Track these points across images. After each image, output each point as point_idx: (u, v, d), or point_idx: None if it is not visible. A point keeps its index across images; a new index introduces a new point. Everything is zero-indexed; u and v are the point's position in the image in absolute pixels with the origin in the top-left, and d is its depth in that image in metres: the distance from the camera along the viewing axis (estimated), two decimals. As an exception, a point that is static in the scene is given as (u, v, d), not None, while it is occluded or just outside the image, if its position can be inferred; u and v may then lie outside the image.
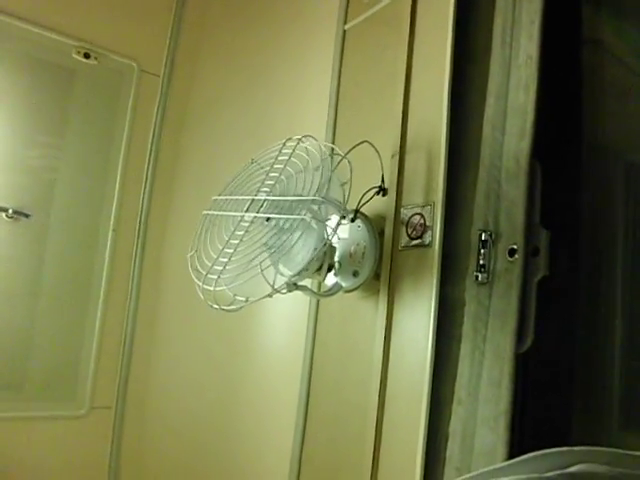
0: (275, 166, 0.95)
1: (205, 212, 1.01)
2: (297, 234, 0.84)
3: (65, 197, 1.66)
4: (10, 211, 1.55)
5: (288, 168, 0.91)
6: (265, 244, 0.86)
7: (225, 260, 0.86)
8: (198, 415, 1.55)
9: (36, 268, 1.60)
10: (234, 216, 0.92)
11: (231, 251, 0.86)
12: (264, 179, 0.94)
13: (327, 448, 1.11)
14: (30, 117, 1.61)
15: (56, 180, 1.65)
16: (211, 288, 0.85)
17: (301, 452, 1.16)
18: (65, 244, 1.65)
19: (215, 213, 0.97)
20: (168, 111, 1.83)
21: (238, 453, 1.38)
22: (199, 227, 1.00)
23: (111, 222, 1.71)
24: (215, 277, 0.85)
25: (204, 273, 0.88)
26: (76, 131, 1.68)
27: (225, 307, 0.86)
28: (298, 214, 0.85)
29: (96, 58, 1.69)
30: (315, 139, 0.95)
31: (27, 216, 1.58)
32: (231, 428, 1.42)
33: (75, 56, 1.66)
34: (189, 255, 0.95)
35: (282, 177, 0.91)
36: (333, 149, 0.94)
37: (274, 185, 0.91)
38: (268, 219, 0.87)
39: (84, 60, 1.67)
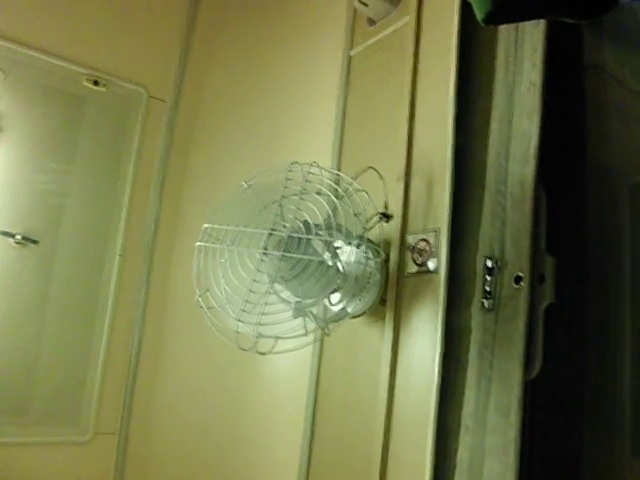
0: (289, 196, 0.91)
1: (209, 245, 0.92)
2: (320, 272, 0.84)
3: (73, 222, 1.67)
4: (19, 237, 1.56)
5: (307, 203, 0.90)
6: (282, 277, 0.85)
7: (259, 302, 0.83)
8: (205, 439, 1.53)
9: (43, 293, 1.61)
10: (252, 251, 0.88)
11: (261, 291, 0.84)
12: (276, 211, 0.90)
13: (333, 470, 1.10)
14: (40, 143, 1.64)
15: (64, 205, 1.66)
16: (251, 331, 0.83)
17: (307, 475, 1.15)
18: (72, 269, 1.66)
19: (230, 248, 0.90)
20: (175, 136, 1.85)
21: (245, 475, 1.36)
22: (198, 260, 0.93)
23: (118, 247, 1.72)
24: (255, 321, 0.83)
25: (234, 316, 0.84)
26: (85, 157, 1.70)
27: (260, 351, 0.85)
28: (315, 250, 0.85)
29: (105, 85, 1.72)
30: (318, 166, 0.94)
31: (35, 242, 1.59)
32: (237, 451, 1.40)
33: (85, 83, 1.69)
34: (199, 295, 0.90)
35: (303, 213, 0.89)
36: (340, 176, 0.94)
37: (294, 220, 0.89)
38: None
39: (94, 87, 1.70)
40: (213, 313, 0.89)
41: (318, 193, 0.90)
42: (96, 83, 1.70)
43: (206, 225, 0.94)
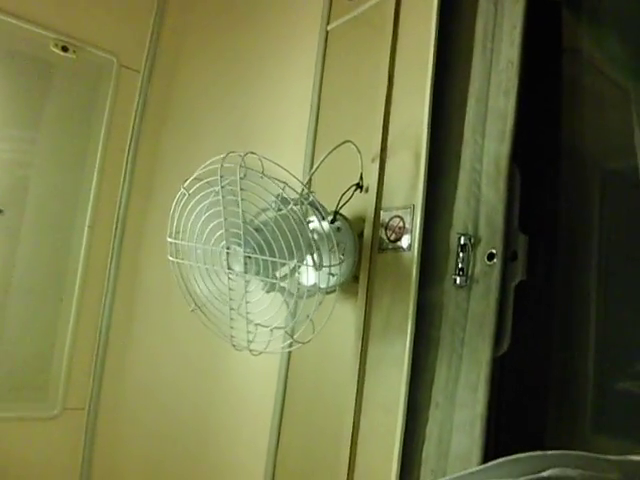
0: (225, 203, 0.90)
1: (180, 261, 0.95)
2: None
3: (40, 193, 1.62)
4: (-19, 206, 1.51)
5: (247, 212, 0.89)
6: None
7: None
8: (173, 417, 1.53)
9: (8, 265, 1.56)
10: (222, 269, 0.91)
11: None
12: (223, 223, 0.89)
13: (303, 448, 1.10)
14: (4, 110, 1.57)
15: (31, 175, 1.61)
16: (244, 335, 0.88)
17: (276, 453, 1.15)
18: (39, 240, 1.61)
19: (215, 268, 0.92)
20: (148, 107, 1.80)
21: (214, 456, 1.36)
22: (178, 275, 0.95)
23: (87, 219, 1.67)
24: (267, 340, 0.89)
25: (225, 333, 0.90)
26: (52, 125, 1.65)
27: (268, 350, 0.91)
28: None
29: (74, 52, 1.66)
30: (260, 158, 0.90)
31: (0, 212, 1.54)
32: (207, 430, 1.40)
33: (53, 49, 1.62)
34: (192, 309, 0.94)
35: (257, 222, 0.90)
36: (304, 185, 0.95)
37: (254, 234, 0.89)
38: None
39: (62, 53, 1.64)
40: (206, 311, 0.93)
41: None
42: (65, 49, 1.63)
43: (170, 240, 0.97)
